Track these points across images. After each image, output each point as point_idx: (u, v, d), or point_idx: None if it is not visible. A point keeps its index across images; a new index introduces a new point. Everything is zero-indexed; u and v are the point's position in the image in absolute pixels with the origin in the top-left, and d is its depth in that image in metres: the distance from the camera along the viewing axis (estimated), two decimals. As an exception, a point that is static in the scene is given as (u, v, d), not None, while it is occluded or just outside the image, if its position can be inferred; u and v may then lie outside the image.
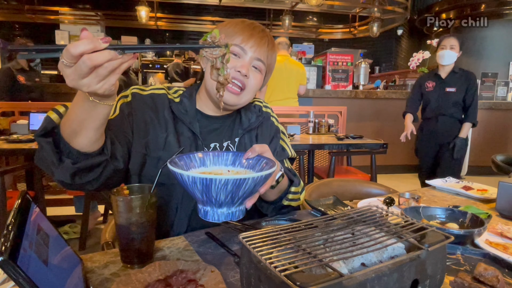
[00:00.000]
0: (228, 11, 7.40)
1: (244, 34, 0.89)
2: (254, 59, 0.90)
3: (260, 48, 0.90)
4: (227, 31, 0.89)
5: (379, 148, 2.63)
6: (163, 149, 0.89)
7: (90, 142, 0.68)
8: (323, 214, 0.97)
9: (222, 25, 0.92)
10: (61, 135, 0.68)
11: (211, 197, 0.61)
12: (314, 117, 3.21)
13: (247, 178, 0.59)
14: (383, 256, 0.48)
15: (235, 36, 0.89)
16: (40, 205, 1.28)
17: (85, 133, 0.65)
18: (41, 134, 0.68)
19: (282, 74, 3.53)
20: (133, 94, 0.91)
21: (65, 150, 0.68)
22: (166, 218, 0.90)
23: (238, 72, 0.88)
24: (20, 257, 0.40)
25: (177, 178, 0.62)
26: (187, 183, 0.61)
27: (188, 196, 0.88)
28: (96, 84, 0.54)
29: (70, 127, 0.66)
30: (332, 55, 4.93)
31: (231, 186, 0.59)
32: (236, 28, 0.89)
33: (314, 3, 5.34)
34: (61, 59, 0.52)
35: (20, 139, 2.33)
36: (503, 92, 4.99)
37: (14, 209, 0.48)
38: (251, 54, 0.90)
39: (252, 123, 1.00)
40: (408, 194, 1.08)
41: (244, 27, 0.90)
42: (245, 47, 0.89)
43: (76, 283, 0.55)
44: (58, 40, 6.68)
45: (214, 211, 0.65)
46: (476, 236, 0.77)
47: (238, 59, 0.89)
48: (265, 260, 0.42)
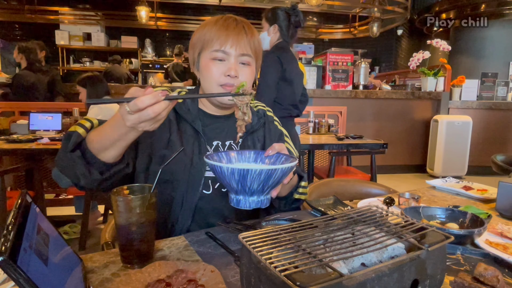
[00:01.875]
0: (228, 11, 7.40)
1: (220, 36, 0.88)
2: (238, 56, 0.90)
3: (240, 43, 0.89)
4: (205, 38, 0.90)
5: (379, 148, 2.63)
6: (166, 148, 0.92)
7: (117, 156, 0.78)
8: (323, 214, 0.97)
9: (199, 31, 0.93)
10: (88, 148, 0.77)
11: (245, 186, 0.69)
12: (314, 117, 3.21)
13: (277, 168, 0.68)
14: (383, 256, 0.48)
15: (213, 41, 0.89)
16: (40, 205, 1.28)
17: (115, 150, 0.76)
18: (71, 150, 0.77)
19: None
20: None
21: (92, 162, 0.77)
22: (171, 213, 0.92)
23: (228, 76, 0.89)
24: (20, 257, 0.40)
25: (216, 170, 0.70)
26: (225, 174, 0.68)
27: (192, 191, 0.91)
28: (150, 125, 0.67)
29: (100, 143, 0.75)
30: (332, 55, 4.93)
31: (263, 176, 0.67)
32: (211, 32, 0.89)
33: (314, 3, 5.34)
34: (125, 107, 0.63)
35: (20, 139, 2.34)
36: (503, 92, 4.99)
37: (14, 209, 0.48)
38: (234, 53, 0.90)
39: (254, 125, 1.03)
40: (408, 194, 1.08)
41: (218, 29, 0.89)
42: (226, 49, 0.89)
43: (76, 283, 0.55)
44: (58, 40, 6.68)
45: (246, 199, 0.73)
46: (476, 236, 0.77)
47: (223, 62, 0.90)
48: (265, 260, 0.42)
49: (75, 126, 0.81)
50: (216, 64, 0.89)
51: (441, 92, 4.68)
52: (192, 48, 0.95)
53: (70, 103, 3.26)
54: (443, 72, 4.69)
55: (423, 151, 4.87)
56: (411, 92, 4.66)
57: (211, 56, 0.89)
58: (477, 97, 4.92)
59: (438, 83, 4.69)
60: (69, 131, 0.81)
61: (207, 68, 0.90)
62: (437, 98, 4.69)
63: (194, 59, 0.95)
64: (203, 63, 0.91)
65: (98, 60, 7.06)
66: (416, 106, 4.76)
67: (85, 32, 6.87)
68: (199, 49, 0.92)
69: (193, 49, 0.94)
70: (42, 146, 2.18)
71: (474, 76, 5.07)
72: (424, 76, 4.71)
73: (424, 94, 4.66)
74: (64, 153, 0.77)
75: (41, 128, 2.74)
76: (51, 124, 2.76)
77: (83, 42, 6.85)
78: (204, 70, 0.91)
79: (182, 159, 0.91)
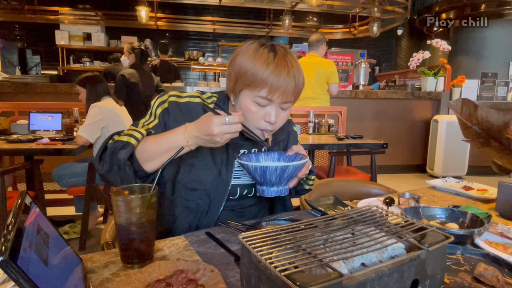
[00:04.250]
0: (228, 11, 7.40)
1: (271, 85, 0.84)
2: (281, 103, 0.89)
3: (287, 93, 0.87)
4: (254, 79, 0.85)
5: (379, 148, 2.63)
6: (195, 157, 0.95)
7: (159, 167, 0.87)
8: (323, 214, 0.97)
9: (247, 62, 0.86)
10: (136, 158, 0.87)
11: (266, 179, 0.86)
12: (314, 117, 3.21)
13: (289, 165, 0.85)
14: (383, 256, 0.48)
15: (261, 86, 0.85)
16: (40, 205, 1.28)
17: (160, 161, 0.87)
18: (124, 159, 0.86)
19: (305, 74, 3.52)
20: (171, 103, 0.95)
21: (137, 170, 0.88)
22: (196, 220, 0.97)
23: (268, 122, 0.89)
24: (20, 257, 0.40)
25: (244, 167, 0.89)
26: (250, 170, 0.87)
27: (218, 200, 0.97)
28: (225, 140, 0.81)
29: (148, 155, 0.86)
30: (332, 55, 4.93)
31: (279, 171, 0.85)
32: (262, 76, 0.84)
33: (314, 3, 5.34)
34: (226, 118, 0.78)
35: (20, 139, 2.33)
36: (503, 92, 4.99)
37: (14, 209, 0.48)
38: (279, 101, 0.88)
39: (279, 136, 1.07)
40: (408, 194, 1.08)
41: (269, 75, 0.84)
42: (272, 98, 0.86)
43: (76, 283, 0.55)
44: (58, 40, 6.68)
45: (268, 189, 0.89)
46: (476, 236, 0.77)
47: (263, 108, 0.88)
48: (265, 260, 0.42)
49: (128, 138, 0.87)
50: (258, 108, 0.88)
51: (441, 92, 4.67)
52: (236, 76, 0.88)
53: (70, 103, 3.26)
54: (443, 72, 4.69)
55: (423, 151, 4.86)
56: (411, 92, 4.66)
57: (255, 100, 0.87)
58: (477, 97, 4.92)
59: (438, 83, 4.69)
60: (122, 141, 0.86)
61: (248, 110, 0.89)
62: (437, 98, 4.69)
63: (234, 89, 0.91)
64: (245, 102, 0.89)
65: (98, 60, 7.06)
66: (416, 106, 4.75)
67: (85, 32, 6.86)
68: (243, 85, 0.88)
69: (236, 78, 0.89)
70: (42, 146, 2.18)
71: (474, 76, 5.07)
72: (424, 76, 4.71)
73: (424, 94, 4.66)
74: (116, 160, 0.85)
75: (41, 128, 2.74)
76: (51, 124, 2.76)
77: (83, 42, 6.85)
78: (245, 110, 0.89)
79: (211, 168, 0.94)
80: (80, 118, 2.87)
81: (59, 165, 2.47)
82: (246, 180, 1.00)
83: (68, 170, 2.42)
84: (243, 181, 1.00)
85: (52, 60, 6.96)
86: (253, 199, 1.04)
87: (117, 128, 2.46)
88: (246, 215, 1.03)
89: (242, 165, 0.90)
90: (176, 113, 0.94)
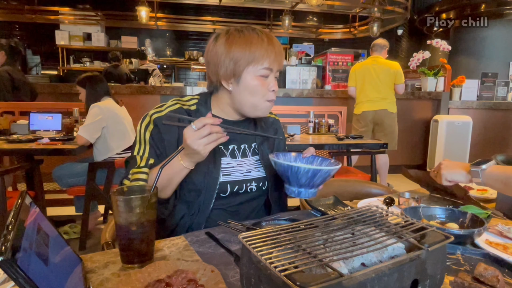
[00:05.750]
0: (228, 11, 7.40)
1: (270, 55, 0.94)
2: (276, 72, 0.99)
3: (281, 62, 0.99)
4: (255, 55, 0.93)
5: (379, 148, 2.63)
6: None
7: (173, 190, 0.96)
8: (323, 214, 0.97)
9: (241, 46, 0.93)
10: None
11: (297, 180, 0.87)
12: (314, 117, 3.21)
13: (322, 169, 0.86)
14: (383, 256, 0.48)
15: (263, 59, 0.94)
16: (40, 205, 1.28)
17: (172, 187, 0.94)
18: None
19: (369, 76, 3.63)
20: (155, 120, 0.98)
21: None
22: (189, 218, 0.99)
23: (273, 91, 0.98)
24: (20, 257, 0.40)
25: (274, 164, 0.91)
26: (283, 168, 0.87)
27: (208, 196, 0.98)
28: (204, 145, 0.81)
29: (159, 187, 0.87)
30: (332, 55, 4.93)
31: (310, 173, 0.86)
32: (261, 50, 0.93)
33: (314, 3, 5.34)
34: (192, 125, 0.81)
35: (20, 139, 2.34)
36: (503, 92, 4.99)
37: (14, 209, 0.48)
38: (276, 69, 0.98)
39: (268, 132, 1.12)
40: (408, 194, 1.08)
41: (267, 47, 0.94)
42: (273, 67, 0.96)
43: (76, 283, 0.55)
44: (58, 40, 6.67)
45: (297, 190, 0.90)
46: (476, 236, 0.77)
47: (266, 79, 0.97)
48: (265, 260, 0.42)
49: (137, 183, 0.93)
50: (262, 80, 0.96)
51: (441, 92, 4.67)
52: (235, 60, 0.94)
53: (70, 103, 3.26)
54: (443, 72, 4.68)
55: (423, 151, 4.86)
56: (411, 92, 4.66)
57: (260, 73, 0.95)
58: (477, 97, 4.92)
59: (438, 83, 4.69)
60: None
61: (256, 85, 0.96)
62: (437, 98, 4.69)
63: (236, 72, 0.95)
64: (251, 79, 0.95)
65: (98, 60, 7.06)
66: (416, 106, 4.75)
67: (85, 32, 6.86)
68: (245, 64, 0.94)
69: (235, 62, 0.94)
70: (42, 146, 2.18)
71: (474, 76, 5.07)
72: (424, 76, 4.71)
73: (424, 94, 4.66)
74: None
75: (41, 128, 2.74)
76: (51, 124, 2.76)
77: (83, 42, 6.85)
78: (251, 86, 0.96)
79: (201, 167, 0.96)
80: (80, 118, 2.87)
81: (59, 165, 2.47)
82: (236, 176, 1.01)
83: (68, 170, 2.42)
84: (233, 178, 1.00)
85: (52, 60, 6.96)
86: (246, 196, 1.03)
87: (117, 128, 2.46)
88: (241, 214, 1.03)
89: (274, 163, 0.91)
90: (163, 127, 0.97)
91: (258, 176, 1.04)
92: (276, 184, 1.07)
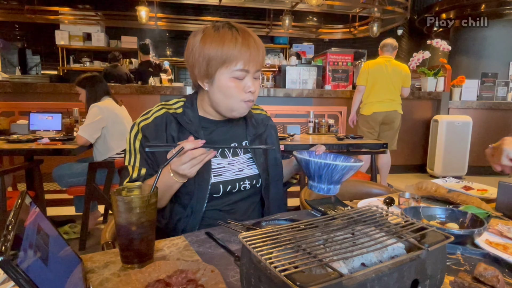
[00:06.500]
0: (228, 11, 7.41)
1: (244, 56, 0.90)
2: (254, 72, 0.95)
3: (258, 61, 0.94)
4: (228, 56, 0.90)
5: (379, 148, 2.63)
6: None
7: (168, 200, 0.96)
8: (323, 214, 0.97)
9: (214, 46, 0.90)
10: None
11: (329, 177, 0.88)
12: (314, 117, 3.21)
13: (355, 165, 0.88)
14: (383, 256, 0.48)
15: (237, 60, 0.90)
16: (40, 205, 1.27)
17: (166, 198, 0.94)
18: None
19: (382, 76, 3.58)
20: (143, 128, 0.98)
21: None
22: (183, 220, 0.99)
23: (249, 93, 0.94)
24: (20, 257, 0.40)
25: (300, 162, 0.93)
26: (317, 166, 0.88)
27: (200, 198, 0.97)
28: (189, 169, 0.82)
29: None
30: (332, 55, 4.92)
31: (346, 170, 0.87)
32: (234, 51, 0.90)
33: (314, 3, 5.33)
34: (173, 151, 0.81)
35: (20, 139, 2.34)
36: (503, 92, 4.99)
37: (14, 209, 0.48)
38: (253, 70, 0.94)
39: (258, 130, 1.10)
40: (408, 194, 1.08)
41: (241, 48, 0.90)
42: (248, 68, 0.92)
43: (76, 283, 0.55)
44: (58, 40, 6.68)
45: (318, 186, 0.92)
46: (476, 236, 0.77)
47: (241, 81, 0.94)
48: (265, 260, 0.42)
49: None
50: (237, 82, 0.93)
51: (441, 92, 4.67)
52: (207, 60, 0.92)
53: (70, 103, 3.26)
54: (443, 72, 4.68)
55: (423, 151, 4.86)
56: (411, 92, 4.66)
57: (233, 74, 0.92)
58: (477, 97, 4.92)
59: (438, 83, 4.69)
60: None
61: (228, 86, 0.93)
62: (437, 98, 4.69)
63: (208, 73, 0.93)
64: (224, 81, 0.93)
65: (98, 60, 7.06)
66: (416, 106, 4.75)
67: (85, 32, 6.86)
68: (217, 65, 0.91)
69: (207, 62, 0.92)
70: (42, 146, 2.18)
71: (474, 76, 5.07)
72: (424, 76, 4.71)
73: (424, 94, 4.66)
74: None
75: (41, 128, 2.74)
76: (51, 124, 2.76)
77: (83, 42, 6.85)
78: (225, 88, 0.93)
79: None
80: (80, 118, 2.87)
81: (59, 165, 2.47)
82: (228, 176, 1.00)
83: (68, 170, 2.42)
84: (224, 178, 1.00)
85: (52, 60, 6.96)
86: (240, 195, 1.02)
87: (117, 128, 2.46)
88: (236, 212, 1.02)
89: (297, 159, 0.93)
90: (152, 133, 0.97)
91: (251, 174, 1.04)
92: (271, 181, 1.06)
